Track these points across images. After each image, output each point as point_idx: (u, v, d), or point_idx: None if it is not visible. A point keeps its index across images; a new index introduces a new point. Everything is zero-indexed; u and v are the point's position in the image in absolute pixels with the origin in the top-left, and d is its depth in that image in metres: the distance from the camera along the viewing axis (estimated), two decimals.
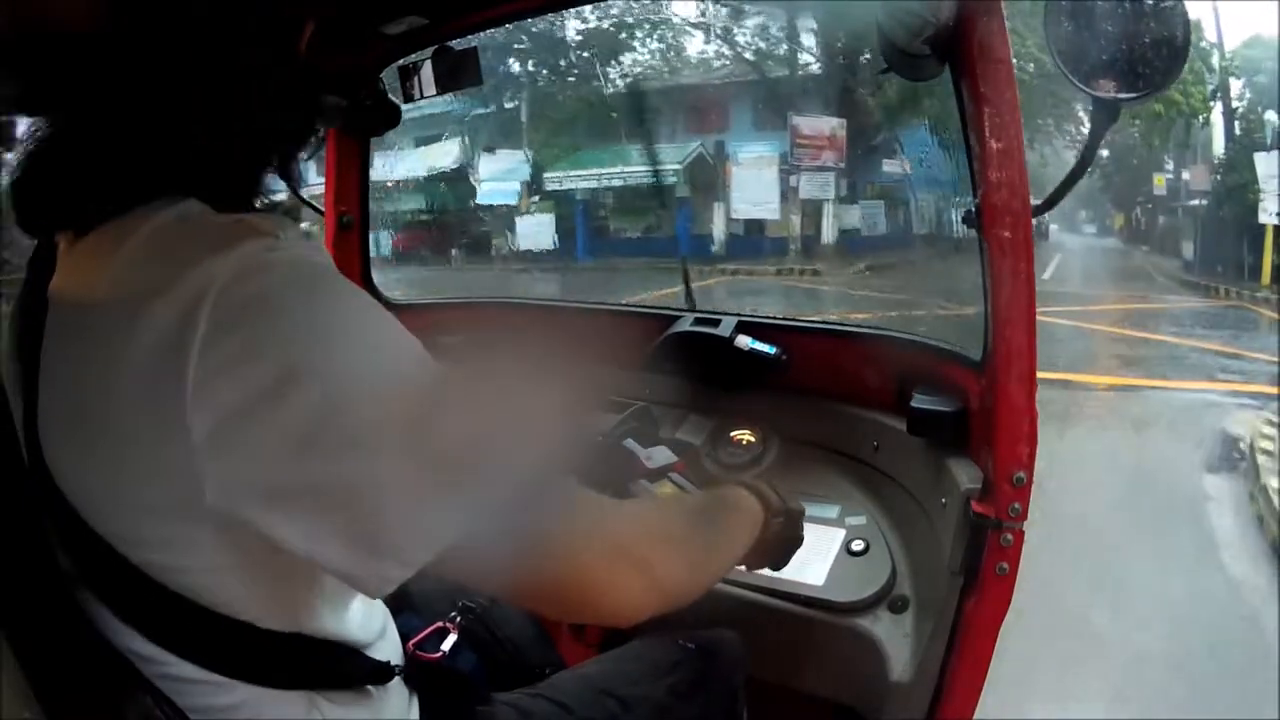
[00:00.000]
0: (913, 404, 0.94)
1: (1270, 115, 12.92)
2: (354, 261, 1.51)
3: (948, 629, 0.82)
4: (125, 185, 0.46)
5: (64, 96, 0.47)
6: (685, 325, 1.24)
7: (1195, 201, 14.92)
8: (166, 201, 0.46)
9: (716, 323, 1.22)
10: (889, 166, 14.74)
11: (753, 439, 1.19)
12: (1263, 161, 11.68)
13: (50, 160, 0.48)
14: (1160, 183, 17.48)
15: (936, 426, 0.92)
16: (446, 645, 0.71)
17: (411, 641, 0.67)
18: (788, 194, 13.52)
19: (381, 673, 0.56)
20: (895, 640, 0.89)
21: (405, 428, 0.42)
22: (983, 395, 0.85)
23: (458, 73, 1.26)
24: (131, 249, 0.44)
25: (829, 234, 13.90)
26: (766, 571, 0.82)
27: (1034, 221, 0.74)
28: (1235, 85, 14.43)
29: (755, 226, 14.04)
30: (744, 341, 1.19)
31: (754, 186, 13.41)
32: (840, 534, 1.02)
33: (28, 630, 0.45)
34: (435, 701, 0.63)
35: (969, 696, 0.80)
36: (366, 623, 0.57)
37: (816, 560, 0.98)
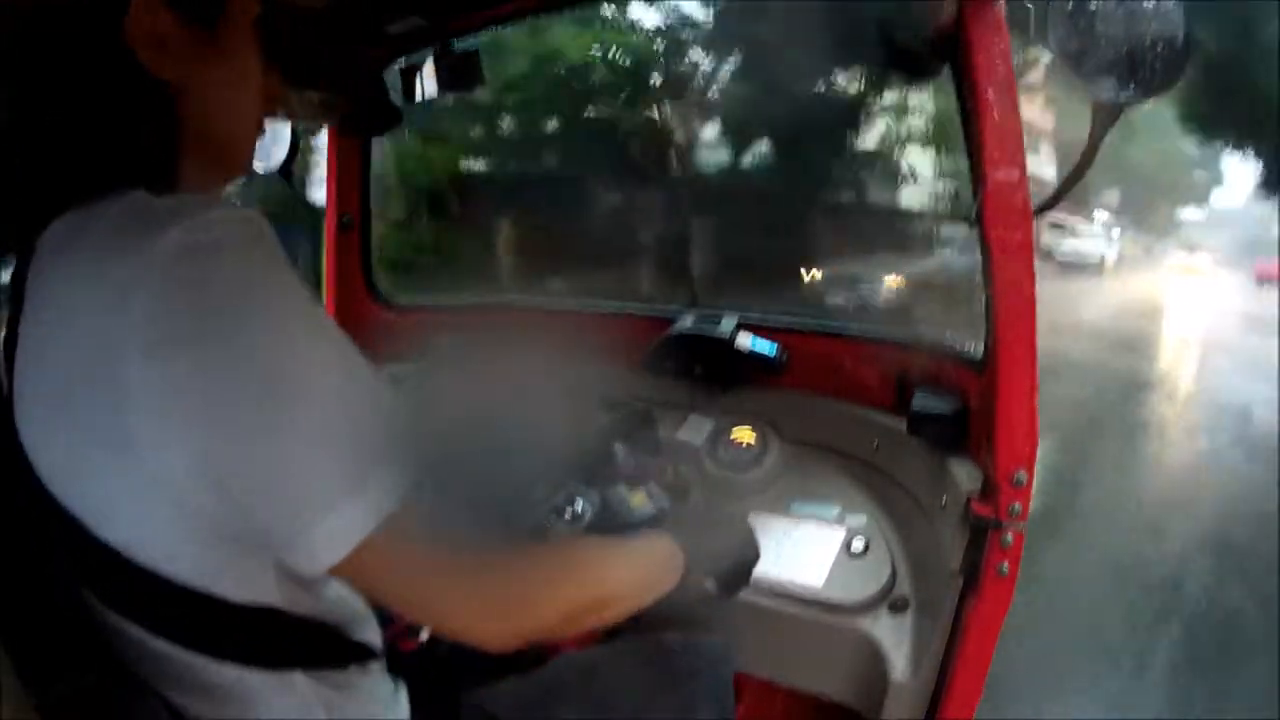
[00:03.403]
0: (913, 404, 0.94)
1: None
2: (355, 262, 1.51)
3: (947, 629, 0.82)
4: (78, 179, 0.47)
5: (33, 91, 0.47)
6: (685, 325, 1.24)
7: None
8: (122, 192, 0.46)
9: (716, 322, 1.23)
10: None
11: (753, 439, 1.19)
12: None
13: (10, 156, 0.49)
14: None
15: (936, 426, 0.92)
16: (425, 633, 0.71)
17: (391, 628, 0.67)
18: None
19: (363, 653, 0.56)
20: (895, 640, 0.89)
21: (322, 426, 0.44)
22: (983, 395, 0.85)
23: (459, 73, 1.26)
24: (83, 242, 0.45)
25: None
26: (765, 572, 0.82)
27: None
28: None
29: None
30: (744, 341, 1.19)
31: None
32: (840, 534, 1.02)
33: (25, 629, 0.46)
34: (422, 688, 0.63)
35: (969, 697, 0.80)
36: (345, 602, 0.56)
37: (816, 560, 0.98)
